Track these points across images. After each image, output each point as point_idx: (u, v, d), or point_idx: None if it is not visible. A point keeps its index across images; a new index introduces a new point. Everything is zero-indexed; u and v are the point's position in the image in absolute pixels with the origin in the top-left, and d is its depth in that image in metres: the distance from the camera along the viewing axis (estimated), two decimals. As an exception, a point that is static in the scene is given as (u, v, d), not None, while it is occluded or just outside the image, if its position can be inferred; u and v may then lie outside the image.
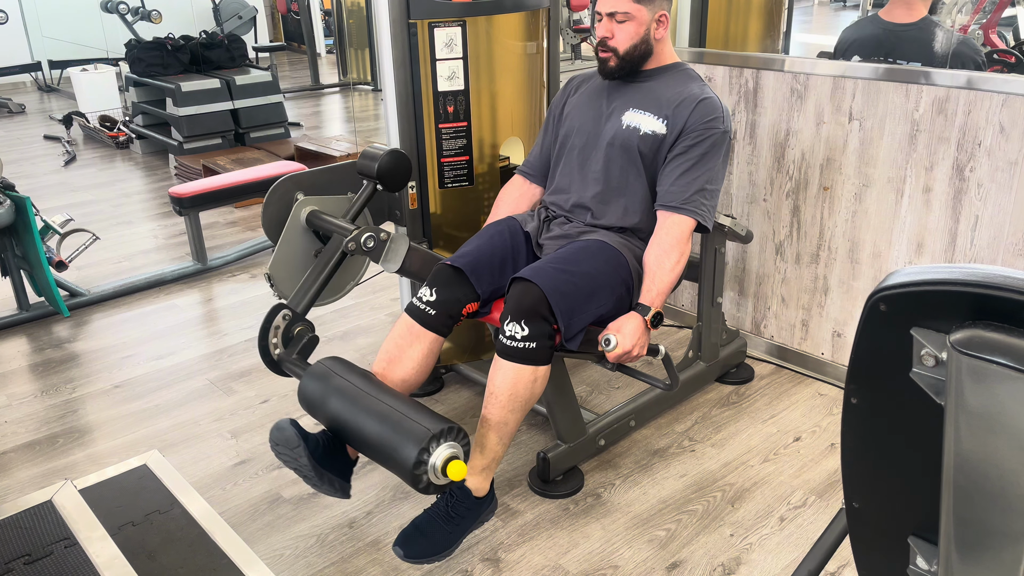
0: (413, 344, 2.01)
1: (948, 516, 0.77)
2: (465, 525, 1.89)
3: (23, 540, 1.69)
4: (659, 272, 1.98)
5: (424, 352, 2.01)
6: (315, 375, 1.90)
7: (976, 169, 2.24)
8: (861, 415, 0.85)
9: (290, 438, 1.80)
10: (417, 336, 2.01)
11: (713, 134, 2.03)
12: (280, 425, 1.83)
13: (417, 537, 1.85)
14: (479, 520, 1.93)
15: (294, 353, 2.14)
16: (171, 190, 3.68)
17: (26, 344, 3.10)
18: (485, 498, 1.92)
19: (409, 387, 2.04)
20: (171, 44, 5.87)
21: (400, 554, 1.83)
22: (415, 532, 1.86)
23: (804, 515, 2.08)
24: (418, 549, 1.84)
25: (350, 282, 2.47)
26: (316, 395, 1.87)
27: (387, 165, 2.22)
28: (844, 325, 2.65)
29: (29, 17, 8.63)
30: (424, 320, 2.01)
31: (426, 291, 2.03)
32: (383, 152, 2.23)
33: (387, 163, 2.22)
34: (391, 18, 2.27)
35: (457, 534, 1.88)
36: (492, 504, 1.96)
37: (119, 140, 6.16)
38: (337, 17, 8.83)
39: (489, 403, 1.90)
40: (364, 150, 2.29)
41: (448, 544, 1.87)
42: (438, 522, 1.87)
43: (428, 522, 1.88)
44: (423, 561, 1.85)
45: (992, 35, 4.39)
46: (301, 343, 2.16)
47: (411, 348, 2.01)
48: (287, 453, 1.84)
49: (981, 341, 0.69)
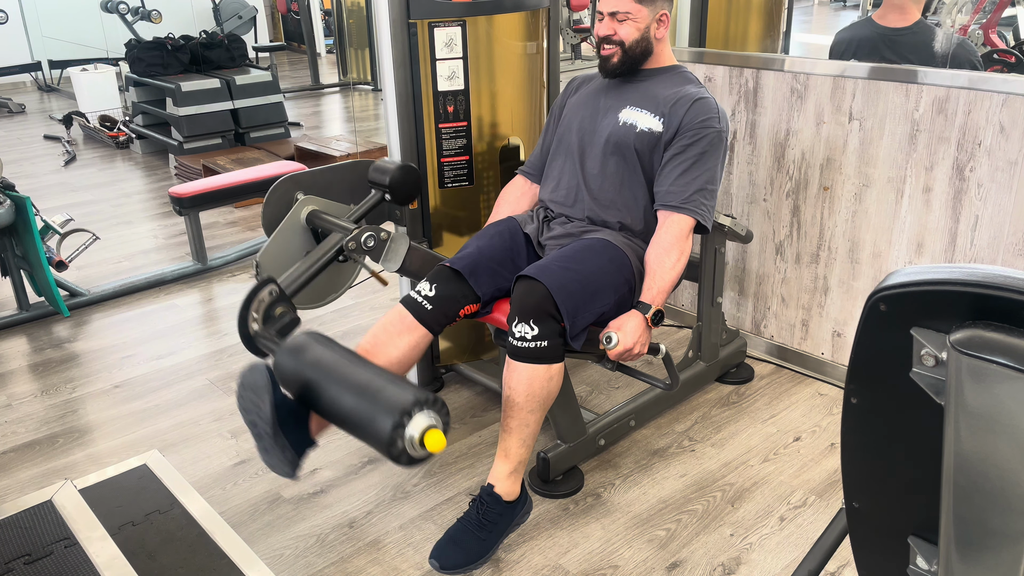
0: (403, 334, 1.98)
1: (948, 516, 0.77)
2: (499, 531, 1.89)
3: (23, 540, 1.69)
4: (659, 271, 1.98)
5: (411, 344, 1.97)
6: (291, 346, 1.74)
7: (976, 169, 2.24)
8: (861, 415, 0.85)
9: (259, 382, 1.63)
10: (408, 327, 1.98)
11: (709, 133, 2.03)
12: (255, 366, 1.65)
13: (452, 548, 1.86)
14: (514, 523, 1.94)
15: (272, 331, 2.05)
16: (171, 190, 3.68)
17: (26, 344, 3.10)
18: (517, 501, 1.92)
19: None
20: (171, 44, 5.87)
21: (436, 566, 1.84)
22: (449, 543, 1.86)
23: (804, 515, 2.08)
24: (454, 560, 1.84)
25: (344, 284, 2.46)
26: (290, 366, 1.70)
27: (399, 178, 2.24)
28: (844, 325, 2.65)
29: (29, 17, 8.63)
30: (419, 313, 1.98)
31: (426, 286, 2.02)
32: (395, 165, 2.25)
33: (399, 176, 2.24)
34: (391, 18, 2.27)
35: (491, 541, 1.88)
36: (527, 505, 1.96)
37: (119, 140, 6.16)
38: (337, 17, 8.83)
39: (507, 407, 1.90)
40: (376, 163, 2.31)
41: (483, 552, 1.87)
42: (471, 530, 1.87)
43: (461, 531, 1.88)
44: (460, 571, 1.85)
45: (992, 35, 4.40)
46: (281, 323, 2.08)
47: (399, 337, 1.97)
48: (250, 399, 1.67)
49: (981, 341, 0.69)
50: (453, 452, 2.36)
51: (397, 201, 2.29)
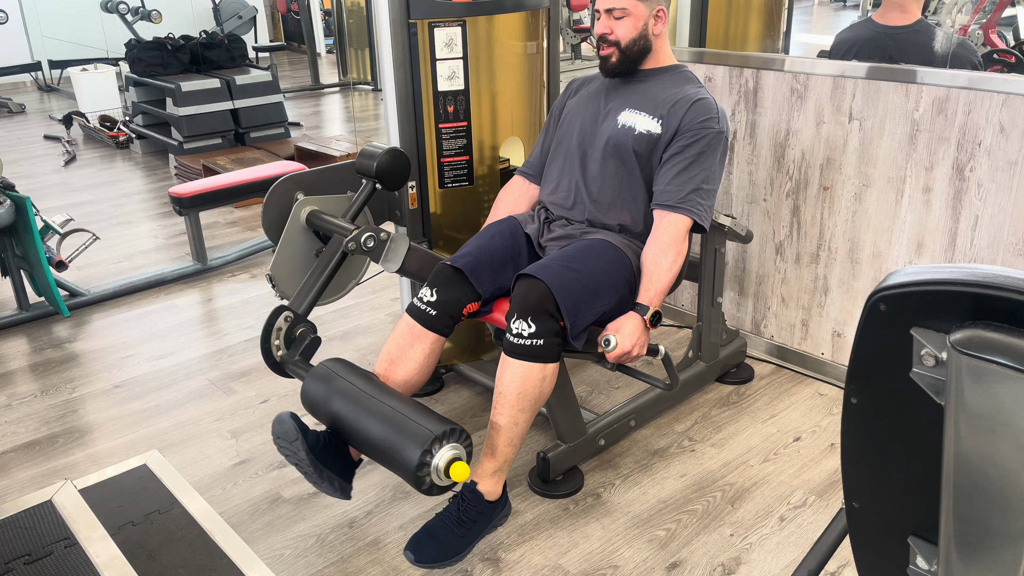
0: (415, 344, 2.01)
1: (948, 516, 0.77)
2: (477, 529, 1.88)
3: (23, 540, 1.69)
4: (656, 271, 1.98)
5: (426, 352, 2.01)
6: (317, 377, 1.90)
7: (976, 169, 2.24)
8: (861, 415, 0.85)
9: (289, 431, 1.80)
10: (418, 336, 2.01)
11: (708, 134, 2.03)
12: (280, 418, 1.83)
13: (428, 541, 1.85)
14: (492, 524, 1.93)
15: (296, 354, 2.14)
16: (171, 190, 3.68)
17: (26, 344, 3.10)
18: (498, 502, 1.92)
19: (411, 387, 2.04)
20: (171, 44, 5.87)
21: (411, 558, 1.83)
22: (426, 536, 1.86)
23: (804, 515, 2.08)
24: (429, 554, 1.83)
25: (351, 281, 2.47)
26: (319, 397, 1.87)
27: (386, 164, 2.21)
28: (844, 325, 2.65)
29: (29, 17, 8.63)
30: (425, 320, 2.01)
31: (427, 291, 2.03)
32: (381, 151, 2.22)
33: (386, 162, 2.21)
34: (391, 18, 2.27)
35: (469, 539, 1.87)
36: (505, 508, 1.95)
37: (119, 140, 6.15)
38: (337, 17, 8.83)
39: (498, 404, 1.89)
40: (362, 149, 2.28)
41: (460, 549, 1.86)
42: (450, 526, 1.86)
43: (439, 526, 1.87)
44: (434, 566, 1.84)
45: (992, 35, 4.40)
46: (304, 344, 2.16)
47: (412, 348, 2.01)
48: (287, 447, 1.84)
49: (981, 341, 0.68)
50: (453, 452, 2.37)
51: (388, 188, 2.27)
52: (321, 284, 2.22)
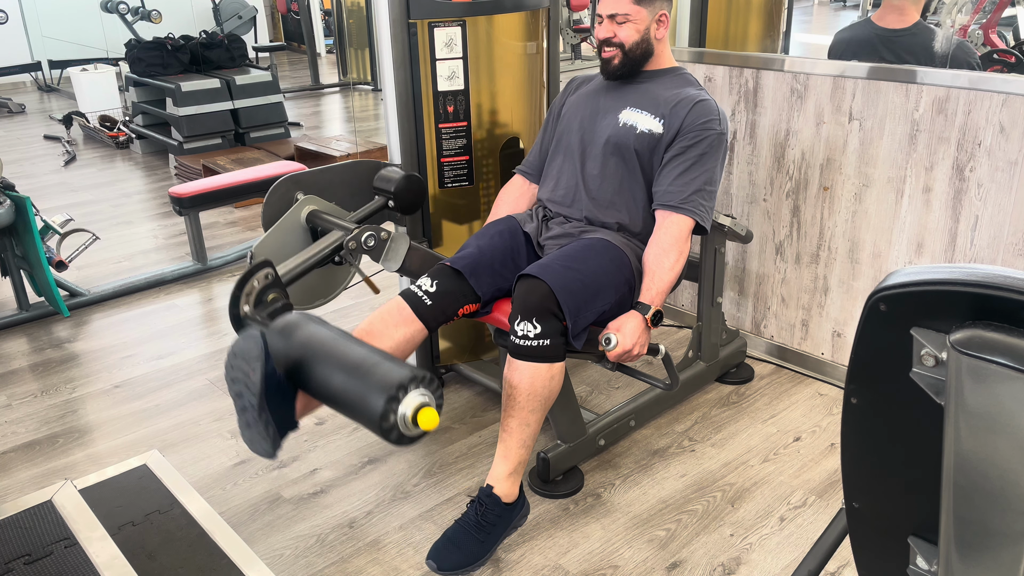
0: (399, 326, 1.96)
1: (948, 516, 0.77)
2: (497, 532, 1.89)
3: (23, 540, 1.69)
4: (658, 271, 1.98)
5: (406, 337, 1.96)
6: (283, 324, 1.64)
7: (976, 169, 2.24)
8: (861, 415, 0.85)
9: (252, 351, 1.53)
10: (405, 320, 1.97)
11: (709, 135, 2.03)
12: (250, 334, 1.54)
13: (450, 549, 1.85)
14: (512, 526, 1.93)
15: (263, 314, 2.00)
16: (171, 190, 3.67)
17: (26, 344, 3.10)
18: (516, 503, 1.92)
19: None
20: (171, 44, 5.87)
21: (434, 567, 1.83)
22: (447, 544, 1.86)
23: (804, 515, 2.08)
24: (453, 561, 1.84)
25: (337, 287, 2.45)
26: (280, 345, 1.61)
27: (403, 187, 2.27)
28: (844, 325, 2.65)
29: (29, 17, 8.63)
30: (417, 308, 1.97)
31: (427, 281, 2.01)
32: (401, 175, 2.28)
33: (404, 185, 2.27)
34: (391, 18, 2.27)
35: (490, 542, 1.87)
36: (524, 508, 1.96)
37: (119, 140, 6.16)
38: (337, 17, 8.83)
39: (508, 406, 1.89)
40: (382, 171, 2.33)
41: (481, 554, 1.86)
42: (470, 532, 1.87)
43: (459, 532, 1.87)
44: (458, 573, 1.84)
45: (992, 35, 4.40)
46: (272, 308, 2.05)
47: (395, 329, 1.96)
48: (240, 368, 1.57)
49: (981, 341, 0.69)
50: (453, 452, 2.36)
51: (400, 210, 2.31)
52: (310, 264, 2.15)
